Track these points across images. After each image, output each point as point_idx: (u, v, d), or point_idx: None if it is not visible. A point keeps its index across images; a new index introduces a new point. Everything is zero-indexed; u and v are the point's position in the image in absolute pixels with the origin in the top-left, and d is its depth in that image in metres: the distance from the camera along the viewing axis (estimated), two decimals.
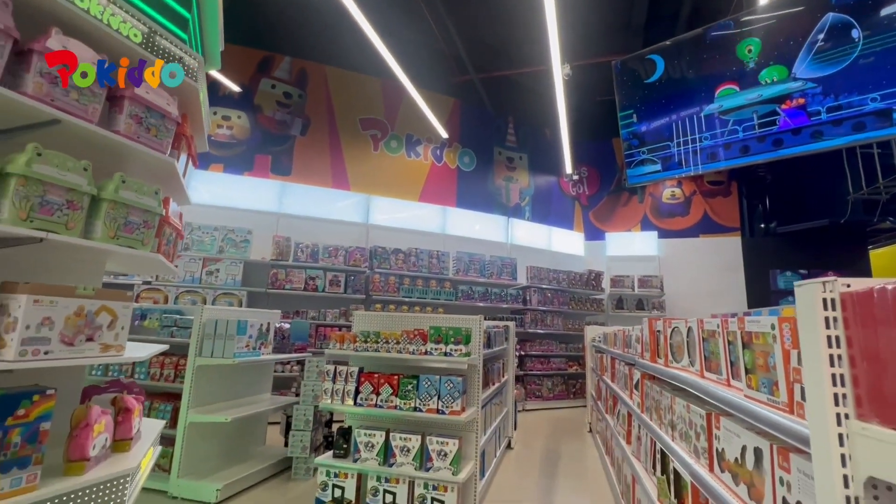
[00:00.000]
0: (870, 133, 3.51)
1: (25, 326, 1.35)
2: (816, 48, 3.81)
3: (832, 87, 3.71)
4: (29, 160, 1.37)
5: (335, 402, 2.98)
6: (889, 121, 3.39)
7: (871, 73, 3.54)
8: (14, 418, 1.31)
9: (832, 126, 3.63)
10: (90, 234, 1.57)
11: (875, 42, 3.57)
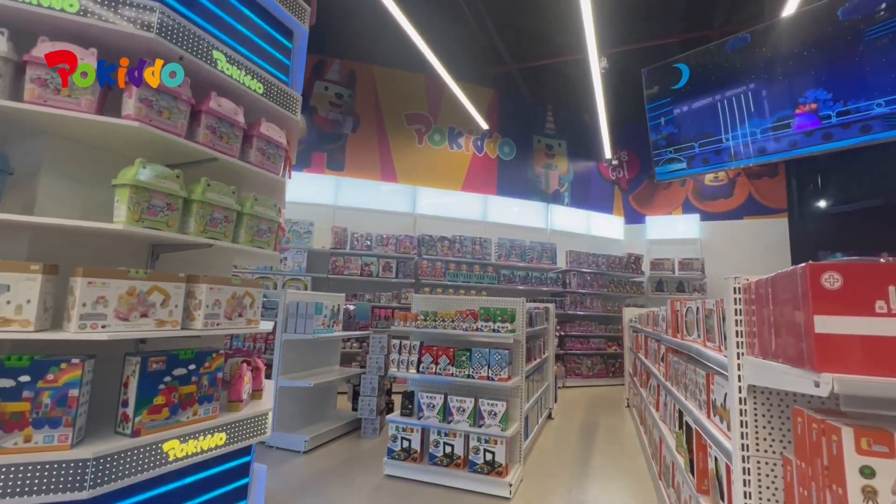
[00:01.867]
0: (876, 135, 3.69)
1: (206, 305, 1.94)
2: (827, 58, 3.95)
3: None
4: (203, 189, 1.94)
5: (401, 370, 3.54)
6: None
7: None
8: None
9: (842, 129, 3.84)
10: (237, 240, 2.14)
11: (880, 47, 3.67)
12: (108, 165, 1.91)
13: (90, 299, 1.59)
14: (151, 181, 1.72)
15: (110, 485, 1.55)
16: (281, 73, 2.50)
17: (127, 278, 1.69)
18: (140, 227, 1.70)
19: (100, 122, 1.66)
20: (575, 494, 3.25)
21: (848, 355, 0.68)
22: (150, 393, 1.74)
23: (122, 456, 1.60)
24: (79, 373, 1.56)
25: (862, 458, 0.63)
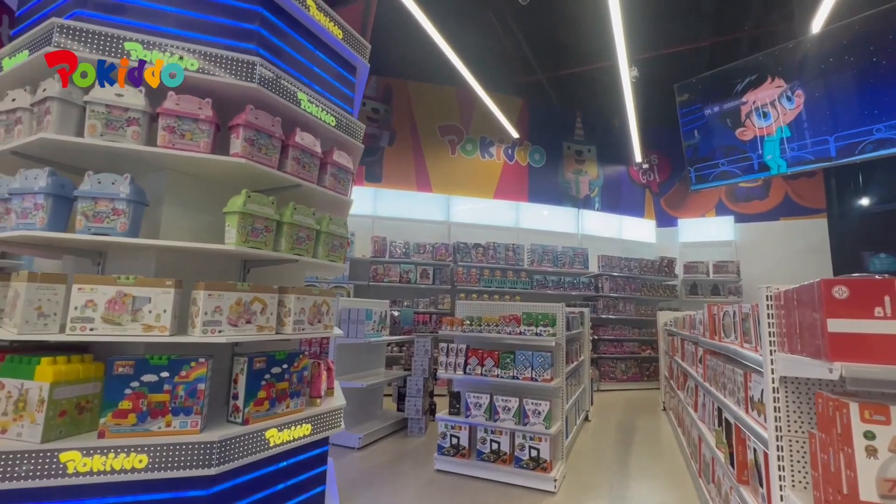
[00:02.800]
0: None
1: (294, 313, 2.24)
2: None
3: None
4: (291, 213, 2.25)
5: (448, 371, 3.80)
6: None
7: None
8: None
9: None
10: (316, 255, 2.45)
11: None
12: (215, 194, 2.24)
13: (210, 308, 1.91)
14: (254, 208, 2.04)
15: (230, 464, 1.85)
16: (347, 105, 2.81)
17: (236, 290, 2.01)
18: (246, 248, 2.01)
19: (215, 161, 1.99)
20: (617, 490, 3.42)
21: (853, 348, 0.88)
22: (254, 388, 2.04)
23: (238, 440, 1.90)
24: (204, 370, 1.87)
25: (865, 425, 0.84)
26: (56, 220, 1.81)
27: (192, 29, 2.09)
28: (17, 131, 1.96)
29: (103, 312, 1.77)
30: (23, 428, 1.65)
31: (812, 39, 4.63)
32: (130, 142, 1.90)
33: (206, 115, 1.98)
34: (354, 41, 2.79)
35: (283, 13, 2.35)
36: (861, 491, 0.79)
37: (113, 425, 1.73)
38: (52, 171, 1.83)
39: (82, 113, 1.89)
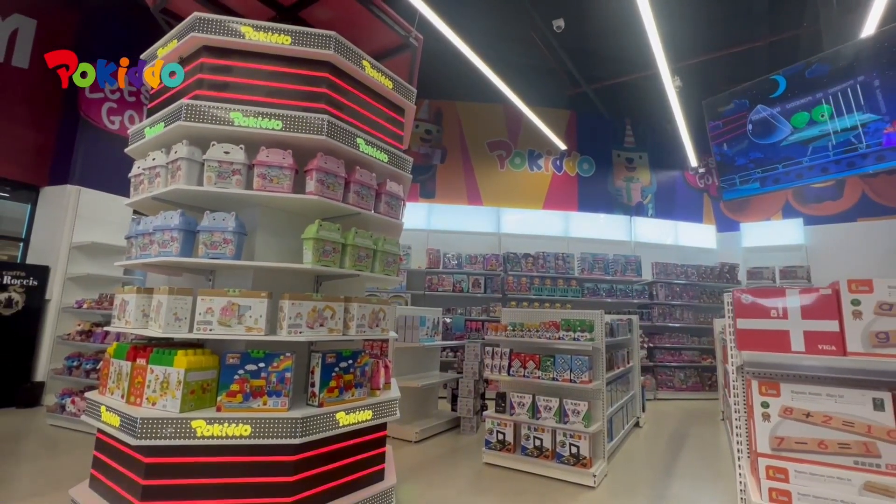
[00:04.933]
0: None
1: (357, 318, 2.73)
2: None
3: None
4: (353, 236, 2.76)
5: (494, 373, 4.16)
6: None
7: None
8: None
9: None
10: (374, 271, 2.94)
11: None
12: (295, 224, 2.81)
13: (293, 314, 2.45)
14: (325, 234, 2.57)
15: (310, 436, 2.36)
16: (397, 142, 3.31)
17: (311, 300, 2.53)
18: (320, 266, 2.54)
19: (295, 199, 2.54)
20: (658, 490, 3.58)
21: (753, 341, 1.16)
22: (327, 378, 2.55)
23: (315, 418, 2.41)
24: (290, 362, 2.41)
25: (762, 397, 1.13)
26: (186, 248, 2.44)
27: (277, 96, 2.67)
28: (156, 182, 2.63)
29: (219, 317, 2.36)
30: (167, 401, 2.26)
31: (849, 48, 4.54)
32: (235, 187, 2.50)
33: (289, 163, 2.55)
34: (402, 88, 3.29)
35: (345, 75, 2.89)
36: (758, 445, 1.06)
37: (226, 402, 2.29)
38: (183, 212, 2.46)
39: (202, 167, 2.52)
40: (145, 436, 2.15)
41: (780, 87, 5.06)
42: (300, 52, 2.71)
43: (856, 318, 1.27)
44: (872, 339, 1.25)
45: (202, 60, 2.66)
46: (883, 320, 1.26)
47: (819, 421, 1.23)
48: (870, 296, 1.29)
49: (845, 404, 1.25)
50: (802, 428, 1.24)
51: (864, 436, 1.22)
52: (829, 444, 1.23)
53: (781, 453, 1.20)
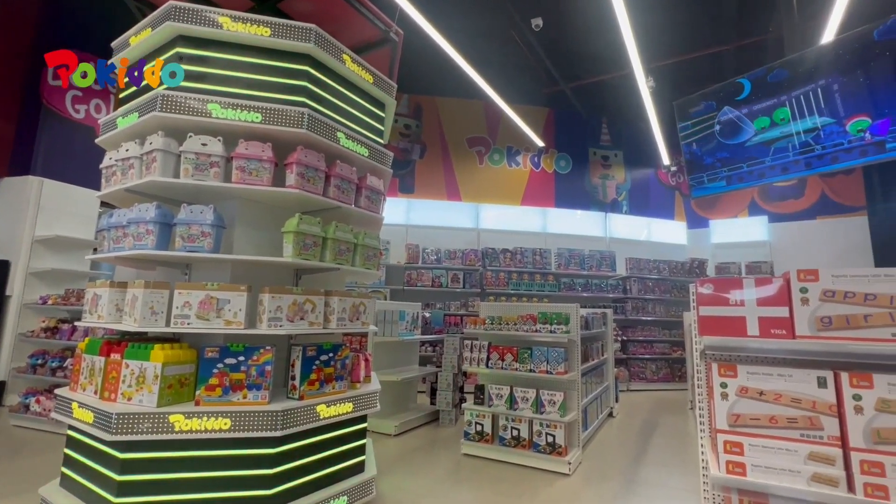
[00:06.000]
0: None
1: (337, 311, 2.75)
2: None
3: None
4: (334, 230, 2.76)
5: (473, 366, 4.22)
6: None
7: None
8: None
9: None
10: (354, 265, 2.95)
11: None
12: (275, 217, 2.79)
13: (273, 308, 2.44)
14: (305, 228, 2.57)
15: (291, 429, 2.37)
16: (377, 136, 3.32)
17: (292, 294, 2.53)
18: (300, 260, 2.54)
19: (275, 192, 2.53)
20: (629, 476, 3.72)
21: (713, 326, 1.25)
22: (307, 371, 2.56)
23: (296, 411, 2.41)
24: (271, 356, 2.41)
25: (721, 378, 1.22)
26: (162, 241, 2.40)
27: (256, 88, 2.65)
28: (130, 174, 2.58)
29: (196, 311, 2.34)
30: (143, 396, 2.23)
31: (818, 50, 4.79)
32: (213, 180, 2.47)
33: (268, 156, 2.53)
34: (383, 83, 3.30)
35: (325, 68, 2.88)
36: (717, 422, 1.15)
37: (205, 396, 2.28)
38: (159, 204, 2.43)
39: (178, 159, 2.48)
40: (121, 431, 2.12)
41: (745, 90, 5.28)
42: (280, 44, 2.69)
43: (804, 305, 1.39)
44: (818, 323, 1.37)
45: (178, 50, 2.62)
46: (827, 306, 1.38)
47: (771, 399, 1.35)
48: (816, 284, 1.41)
49: (794, 383, 1.37)
50: (756, 405, 1.36)
51: (809, 411, 1.35)
52: (779, 420, 1.35)
53: (738, 429, 1.32)
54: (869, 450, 1.27)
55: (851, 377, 1.30)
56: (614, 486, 3.48)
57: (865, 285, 1.34)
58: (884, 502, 1.21)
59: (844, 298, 1.34)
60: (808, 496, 1.28)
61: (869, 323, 1.31)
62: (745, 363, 1.37)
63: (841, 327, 1.33)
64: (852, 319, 1.33)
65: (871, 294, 1.32)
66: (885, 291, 1.32)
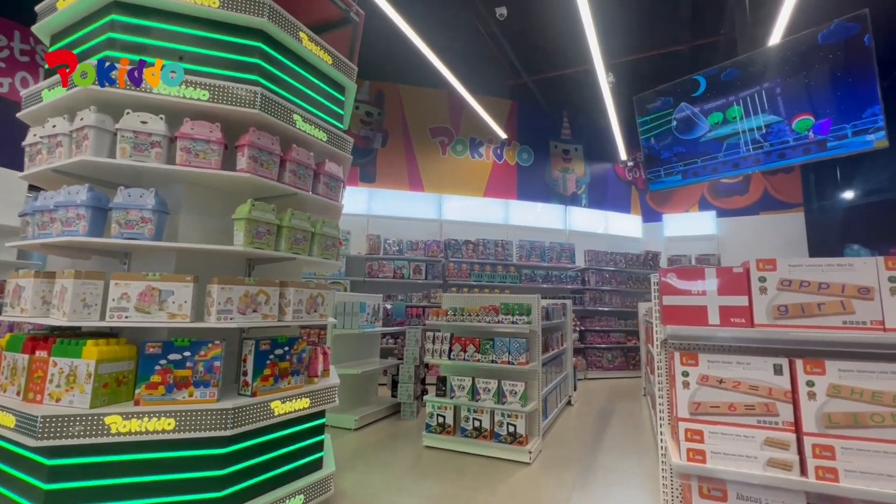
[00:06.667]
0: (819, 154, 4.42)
1: (293, 303, 2.62)
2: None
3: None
4: (289, 218, 2.62)
5: (435, 357, 4.19)
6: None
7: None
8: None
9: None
10: (312, 254, 2.82)
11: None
12: (225, 203, 2.62)
13: (222, 299, 2.29)
14: (258, 215, 2.42)
15: (242, 427, 2.23)
16: (337, 121, 3.18)
17: (244, 284, 2.38)
18: (252, 248, 2.39)
19: (224, 176, 2.36)
20: (587, 462, 3.81)
21: (676, 316, 1.26)
22: (261, 366, 2.42)
23: (248, 409, 2.28)
24: (219, 350, 2.26)
25: (683, 367, 1.23)
26: (95, 227, 2.19)
27: (203, 64, 2.45)
28: (58, 153, 2.33)
29: (136, 303, 2.15)
30: (73, 397, 2.03)
31: (768, 50, 5.04)
32: (154, 161, 2.27)
33: (217, 137, 2.36)
34: (342, 65, 3.15)
35: (280, 46, 2.71)
36: (679, 411, 1.16)
37: (146, 395, 2.11)
38: (91, 186, 2.20)
39: (114, 138, 2.26)
40: (48, 436, 1.92)
41: (700, 87, 5.49)
42: (230, 17, 2.50)
43: (762, 294, 1.43)
44: (775, 311, 1.42)
45: (113, 18, 2.38)
46: (784, 295, 1.42)
47: (730, 386, 1.39)
48: (774, 273, 1.45)
49: (752, 370, 1.42)
50: (716, 393, 1.40)
51: (765, 398, 1.40)
52: (738, 407, 1.39)
53: (698, 417, 1.35)
54: (821, 434, 1.33)
55: (805, 364, 1.35)
56: (573, 472, 3.55)
57: (820, 274, 1.39)
58: (833, 484, 1.27)
59: (800, 287, 1.39)
60: (763, 481, 1.32)
61: (822, 311, 1.36)
62: (705, 352, 1.40)
63: (797, 315, 1.39)
64: (807, 308, 1.38)
65: (825, 283, 1.38)
66: (838, 280, 1.37)
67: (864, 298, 1.35)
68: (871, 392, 1.31)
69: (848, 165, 8.92)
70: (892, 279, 1.34)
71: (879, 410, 1.31)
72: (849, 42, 4.32)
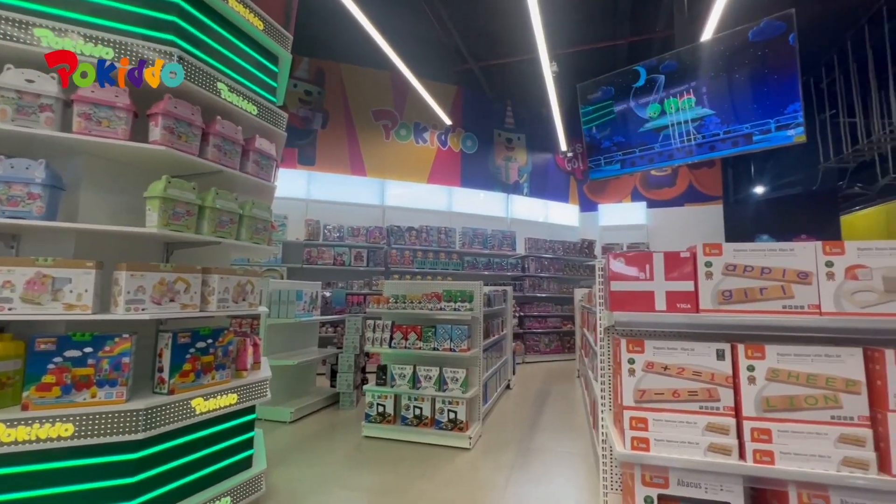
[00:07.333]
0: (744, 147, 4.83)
1: (218, 292, 2.40)
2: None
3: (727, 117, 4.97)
4: (213, 198, 2.38)
5: (375, 346, 4.08)
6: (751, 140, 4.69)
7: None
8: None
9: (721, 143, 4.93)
10: (240, 238, 2.60)
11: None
12: (136, 179, 2.32)
13: (132, 288, 2.04)
14: (175, 193, 2.17)
15: (156, 429, 2.02)
16: (269, 94, 2.93)
17: (159, 271, 2.14)
18: (168, 230, 2.14)
19: (134, 148, 2.08)
20: (525, 444, 3.91)
21: (624, 302, 1.27)
22: (179, 361, 2.20)
23: (164, 408, 2.07)
24: (129, 345, 2.01)
25: (629, 354, 1.24)
26: None
27: (107, 17, 2.13)
28: None
29: (22, 293, 1.85)
30: None
31: (701, 46, 5.33)
32: (43, 127, 1.95)
33: (124, 102, 2.07)
34: (276, 33, 2.90)
35: (202, 4, 2.43)
36: (624, 399, 1.17)
37: (37, 398, 1.83)
38: None
39: None
40: None
41: (640, 78, 5.72)
42: None
43: (708, 279, 1.48)
44: (719, 296, 1.47)
45: None
46: (728, 280, 1.48)
47: (675, 373, 1.42)
48: (719, 258, 1.50)
49: (695, 356, 1.46)
50: (661, 380, 1.43)
51: (708, 383, 1.45)
52: (682, 393, 1.43)
53: (643, 405, 1.37)
54: (759, 418, 1.39)
55: (747, 349, 1.41)
56: (511, 455, 3.62)
57: (762, 259, 1.46)
58: (769, 467, 1.34)
59: (744, 272, 1.45)
60: (704, 466, 1.37)
61: (764, 296, 1.43)
62: (651, 338, 1.42)
63: (740, 300, 1.44)
64: (750, 293, 1.44)
65: (767, 268, 1.45)
66: (779, 265, 1.44)
67: (803, 283, 1.43)
68: (806, 375, 1.40)
69: (760, 162, 9.79)
70: (829, 264, 1.44)
71: (813, 393, 1.40)
72: (776, 40, 4.66)
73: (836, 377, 1.52)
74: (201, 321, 2.63)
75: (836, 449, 1.49)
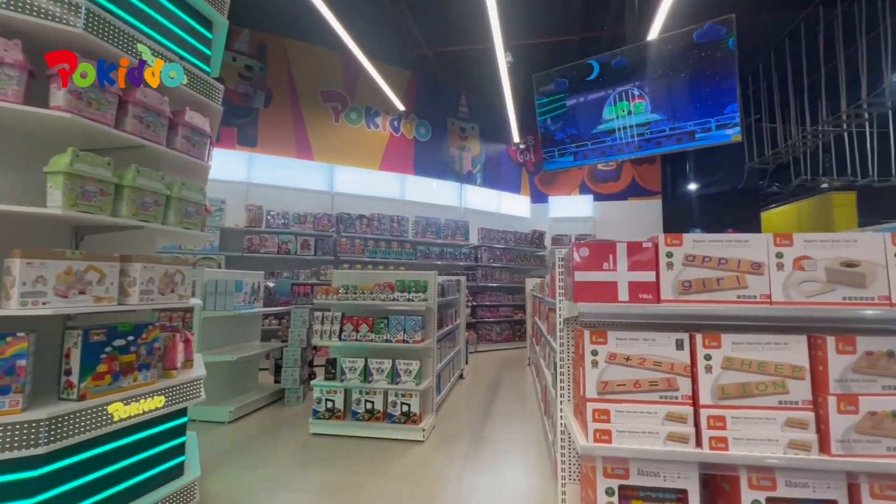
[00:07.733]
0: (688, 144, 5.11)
1: (141, 282, 2.12)
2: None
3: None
4: (133, 175, 2.09)
5: (324, 338, 3.87)
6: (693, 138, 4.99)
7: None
8: None
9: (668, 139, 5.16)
10: (167, 222, 2.31)
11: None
12: (36, 151, 1.99)
13: (30, 278, 1.74)
14: (85, 169, 1.87)
15: (63, 441, 1.75)
16: (203, 62, 2.62)
17: (64, 259, 1.84)
18: (76, 212, 1.84)
19: (30, 113, 1.76)
20: (478, 433, 3.88)
21: (588, 292, 1.21)
22: (92, 362, 1.92)
23: (72, 417, 1.79)
24: (25, 345, 1.72)
25: (592, 345, 1.18)
26: None
27: None
28: None
29: None
30: None
31: (649, 45, 5.48)
32: None
33: (15, 58, 1.74)
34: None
35: None
36: (587, 391, 1.12)
37: None
38: None
39: None
40: None
41: (594, 72, 5.80)
42: None
43: (669, 269, 1.46)
44: (679, 287, 1.46)
45: None
46: (688, 270, 1.47)
47: (636, 363, 1.40)
48: (680, 248, 1.49)
49: (656, 346, 1.45)
50: (623, 371, 1.40)
51: (668, 373, 1.44)
52: (643, 383, 1.41)
53: (605, 396, 1.34)
54: (714, 405, 1.40)
55: (704, 338, 1.41)
56: (465, 445, 3.57)
57: (720, 249, 1.46)
58: (723, 453, 1.34)
59: (703, 263, 1.44)
60: (663, 456, 1.36)
61: (721, 286, 1.43)
62: (614, 329, 1.38)
63: (699, 290, 1.43)
64: (708, 283, 1.43)
65: (724, 258, 1.44)
66: (735, 256, 1.45)
67: (756, 273, 1.44)
68: (757, 363, 1.42)
69: (694, 160, 10.36)
70: (779, 255, 1.46)
71: (763, 379, 1.42)
72: (717, 43, 4.87)
73: (784, 364, 1.56)
74: (121, 316, 2.33)
75: (783, 432, 1.53)
